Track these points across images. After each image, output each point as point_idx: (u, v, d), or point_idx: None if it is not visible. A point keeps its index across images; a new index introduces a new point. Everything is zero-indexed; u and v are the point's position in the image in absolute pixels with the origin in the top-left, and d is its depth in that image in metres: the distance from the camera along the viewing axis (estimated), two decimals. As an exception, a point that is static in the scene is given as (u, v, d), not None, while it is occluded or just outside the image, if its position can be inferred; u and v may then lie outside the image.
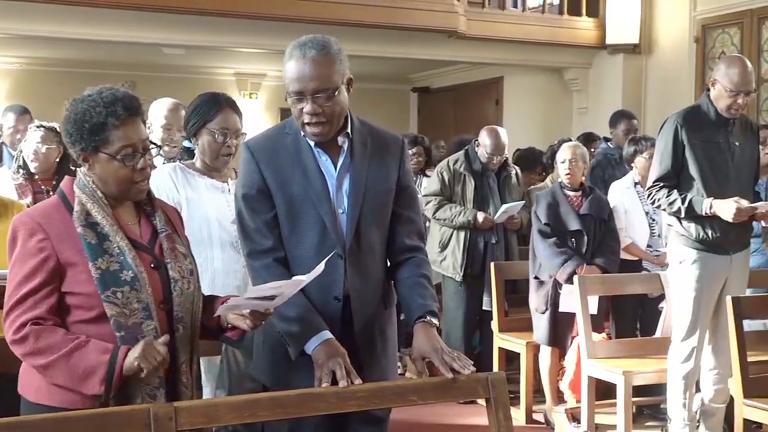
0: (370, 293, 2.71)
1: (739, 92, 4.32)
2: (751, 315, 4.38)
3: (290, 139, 2.68)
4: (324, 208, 2.62)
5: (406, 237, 2.77)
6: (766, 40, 9.48)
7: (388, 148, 2.77)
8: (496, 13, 10.50)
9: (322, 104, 2.55)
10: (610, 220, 5.32)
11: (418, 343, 2.56)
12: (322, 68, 2.54)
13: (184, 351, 2.39)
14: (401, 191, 2.77)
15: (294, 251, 2.65)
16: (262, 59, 12.22)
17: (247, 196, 2.67)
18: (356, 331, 2.67)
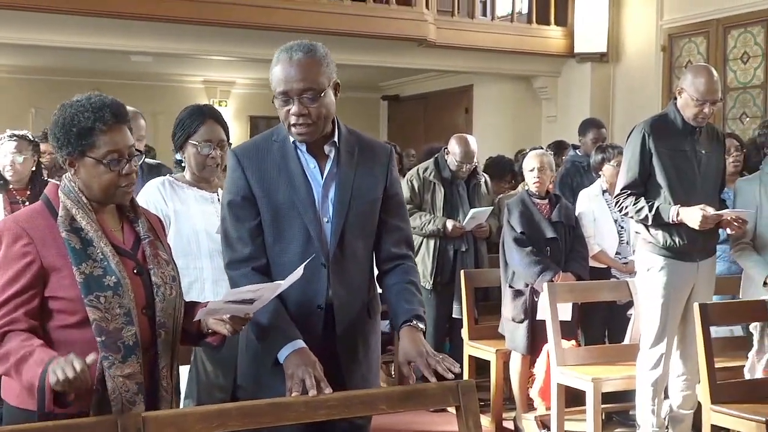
0: (353, 302, 2.71)
1: (705, 101, 4.36)
2: (718, 322, 4.41)
3: (277, 147, 2.69)
4: (309, 217, 2.63)
5: (394, 245, 2.78)
6: (731, 49, 9.60)
7: (376, 157, 2.77)
8: (466, 21, 10.55)
9: (308, 105, 2.57)
10: (578, 227, 5.36)
11: (403, 347, 2.57)
12: (308, 70, 2.57)
13: (166, 356, 2.40)
14: (389, 199, 2.78)
15: (278, 259, 2.65)
16: (232, 67, 12.19)
17: (232, 203, 2.67)
18: (338, 339, 2.67)
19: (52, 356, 2.13)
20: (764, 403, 4.02)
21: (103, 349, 2.25)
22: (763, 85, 9.28)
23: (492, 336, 5.54)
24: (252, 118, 13.81)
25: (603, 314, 5.52)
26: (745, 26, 9.44)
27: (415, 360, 2.50)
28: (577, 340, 5.27)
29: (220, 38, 9.36)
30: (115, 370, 2.27)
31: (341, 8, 9.51)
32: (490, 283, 5.73)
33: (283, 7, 9.17)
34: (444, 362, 2.45)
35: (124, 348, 2.29)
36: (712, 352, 4.04)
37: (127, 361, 2.28)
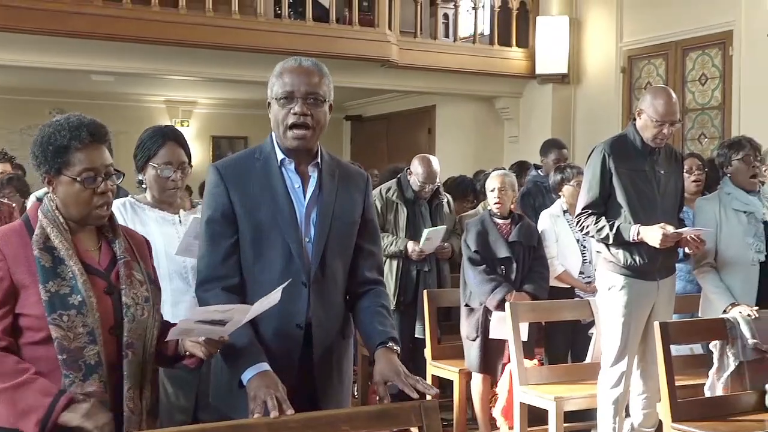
0: (331, 322, 2.73)
1: (664, 122, 4.42)
2: (679, 340, 4.45)
3: (260, 164, 2.70)
4: (291, 236, 2.64)
5: (368, 270, 2.81)
6: (689, 70, 9.74)
7: (355, 182, 2.81)
8: (428, 42, 10.61)
9: (311, 108, 2.62)
10: (539, 247, 5.38)
11: (380, 367, 2.57)
12: (315, 76, 2.65)
13: (133, 378, 2.38)
14: (365, 224, 2.82)
15: (259, 277, 2.65)
16: (194, 87, 12.15)
17: (211, 219, 2.67)
18: (315, 359, 2.67)
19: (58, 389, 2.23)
20: (724, 421, 4.06)
21: (64, 367, 2.27)
22: (721, 106, 9.42)
23: (455, 355, 5.55)
24: (214, 138, 13.75)
25: (566, 333, 5.54)
26: (703, 48, 9.59)
27: (392, 380, 2.51)
28: (540, 360, 5.29)
29: (182, 58, 9.32)
30: (75, 388, 2.27)
31: (304, 29, 9.53)
32: (453, 302, 5.73)
33: (246, 28, 9.17)
34: (421, 383, 2.47)
35: (86, 367, 2.29)
36: (672, 371, 4.07)
37: (87, 380, 2.29)
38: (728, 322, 4.31)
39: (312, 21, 9.62)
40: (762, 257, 4.55)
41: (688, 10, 9.56)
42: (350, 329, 2.85)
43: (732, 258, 4.58)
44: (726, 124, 9.34)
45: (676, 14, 9.70)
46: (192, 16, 8.97)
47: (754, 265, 4.56)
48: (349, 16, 10.03)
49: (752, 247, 4.55)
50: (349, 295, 2.80)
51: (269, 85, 2.69)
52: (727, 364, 4.31)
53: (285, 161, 2.70)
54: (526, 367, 4.90)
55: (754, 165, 4.66)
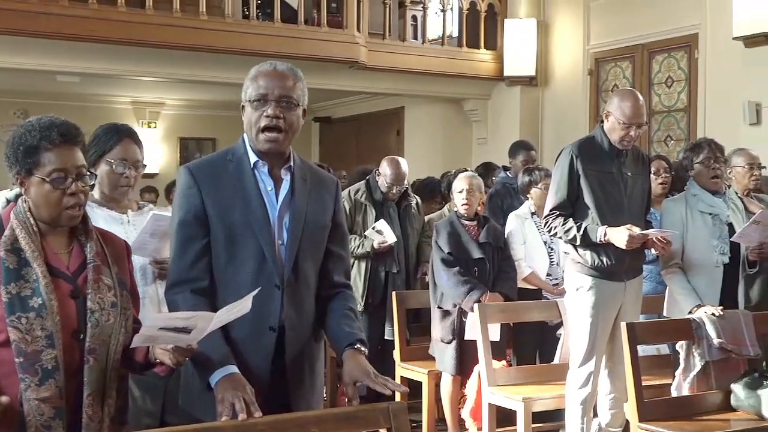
0: (303, 325, 2.73)
1: (631, 125, 4.45)
2: (645, 340, 4.49)
3: (233, 166, 2.69)
4: (264, 238, 2.63)
5: (337, 274, 2.83)
6: (656, 73, 9.83)
7: (326, 186, 2.83)
8: (397, 44, 10.62)
9: (284, 111, 2.63)
10: (506, 248, 5.40)
11: (349, 368, 2.58)
12: (289, 80, 2.67)
13: (94, 384, 2.34)
14: (335, 228, 2.83)
15: (231, 279, 2.64)
16: (161, 88, 12.06)
17: (183, 221, 2.66)
18: (287, 361, 2.67)
19: None
20: (690, 420, 4.10)
21: (21, 370, 2.24)
22: (687, 108, 9.51)
23: (424, 357, 5.55)
24: (182, 140, 13.67)
25: (534, 334, 5.56)
26: (669, 51, 9.68)
27: (362, 380, 2.51)
28: (508, 361, 5.31)
29: (149, 59, 9.26)
30: (30, 392, 2.24)
31: (272, 30, 9.49)
32: (422, 304, 5.74)
33: (213, 29, 9.13)
34: (389, 383, 2.48)
35: (42, 371, 2.26)
36: (639, 371, 4.10)
37: (44, 385, 2.26)
38: (694, 322, 4.35)
39: (280, 22, 9.59)
40: (726, 259, 4.59)
41: (654, 14, 9.65)
42: (322, 333, 2.85)
43: (697, 259, 4.62)
44: (692, 126, 9.43)
45: (643, 17, 9.78)
46: (159, 16, 8.92)
47: (718, 267, 4.59)
48: (318, 18, 10.01)
49: (716, 249, 4.59)
50: (317, 298, 2.80)
51: (243, 88, 2.69)
52: (693, 364, 4.35)
53: (258, 164, 2.70)
54: (494, 368, 4.91)
55: (714, 167, 4.69)
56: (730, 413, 4.22)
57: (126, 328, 2.45)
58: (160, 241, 3.25)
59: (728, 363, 4.35)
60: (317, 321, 2.80)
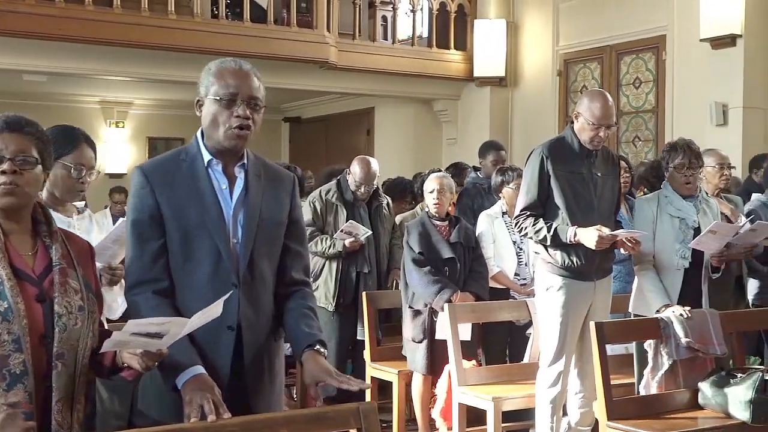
0: (261, 324, 2.70)
1: (601, 125, 4.47)
2: (614, 340, 4.51)
3: (186, 166, 2.66)
4: (219, 237, 2.61)
5: (294, 271, 2.80)
6: (624, 74, 9.91)
7: (282, 183, 2.80)
8: (367, 44, 10.62)
9: (252, 111, 2.62)
10: (477, 247, 5.41)
11: (309, 369, 2.56)
12: (255, 80, 2.67)
13: (63, 389, 2.29)
14: (292, 225, 2.80)
15: (187, 279, 2.62)
16: (129, 87, 11.98)
17: (137, 221, 2.63)
18: (246, 361, 2.65)
19: None
20: (658, 419, 4.13)
21: None
22: (654, 109, 9.59)
23: (395, 357, 5.55)
24: (150, 140, 13.59)
25: (503, 334, 5.58)
26: (637, 53, 9.77)
27: (324, 380, 2.50)
28: (478, 360, 5.32)
29: (117, 58, 9.19)
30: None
31: (241, 29, 9.46)
32: (393, 304, 5.74)
33: (181, 28, 9.08)
34: (352, 380, 2.49)
35: (10, 376, 2.20)
36: (608, 370, 4.13)
37: (12, 390, 2.20)
38: (662, 321, 4.38)
39: (249, 22, 9.57)
40: (686, 264, 4.61)
41: (622, 15, 9.72)
42: (281, 330, 2.82)
43: (661, 260, 4.65)
44: (659, 127, 9.52)
45: (611, 19, 9.86)
46: (127, 15, 8.86)
47: (678, 270, 4.63)
48: (287, 18, 9.99)
49: (677, 253, 4.62)
50: (275, 296, 2.78)
51: (203, 83, 2.65)
52: (661, 363, 4.38)
53: (212, 162, 2.67)
54: (464, 368, 4.92)
55: (686, 174, 4.70)
56: (697, 411, 4.26)
57: (93, 332, 2.40)
58: (121, 248, 3.22)
59: (695, 362, 4.39)
60: (275, 319, 2.78)
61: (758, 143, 8.24)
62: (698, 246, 4.54)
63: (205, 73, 2.66)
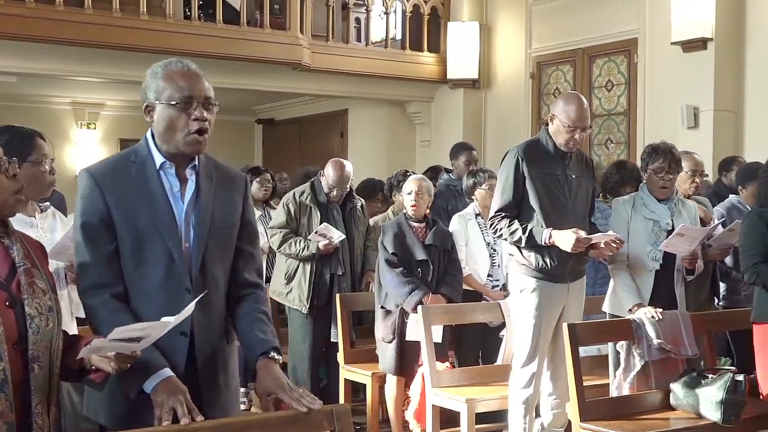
0: (213, 328, 2.67)
1: (576, 128, 4.49)
2: (586, 341, 4.54)
3: (136, 168, 2.62)
4: (172, 241, 2.57)
5: (248, 272, 2.76)
6: (596, 77, 9.96)
7: (233, 184, 2.76)
8: (340, 46, 10.61)
9: (208, 113, 2.58)
10: (453, 250, 5.42)
11: (263, 379, 2.52)
12: (205, 81, 2.62)
13: (40, 393, 2.25)
14: (244, 226, 2.76)
15: (139, 284, 2.57)
16: (101, 88, 11.89)
17: (87, 225, 2.57)
18: (199, 366, 2.62)
19: None
20: (631, 420, 4.15)
21: None
22: (626, 112, 9.65)
23: (368, 359, 5.54)
24: (122, 141, 13.47)
25: (476, 336, 5.59)
26: (609, 55, 9.82)
27: (276, 393, 2.47)
28: (451, 362, 5.33)
29: (88, 59, 9.12)
30: None
31: (213, 30, 9.42)
32: (367, 306, 5.73)
33: (154, 29, 9.03)
34: (305, 397, 2.43)
35: None
36: (580, 371, 4.15)
37: None
38: (634, 323, 4.41)
39: (222, 23, 9.53)
40: (657, 266, 4.65)
41: (594, 18, 9.78)
42: (234, 333, 2.78)
43: (634, 261, 4.68)
44: (631, 129, 9.58)
45: (583, 22, 9.91)
46: (99, 15, 8.79)
47: (650, 271, 4.66)
48: (261, 19, 9.96)
49: (648, 255, 4.65)
50: (228, 299, 2.74)
51: (151, 87, 2.59)
52: (633, 364, 4.41)
53: (165, 165, 2.62)
54: (438, 370, 4.93)
55: (664, 178, 4.73)
56: (669, 412, 4.29)
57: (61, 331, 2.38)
58: None
59: (667, 363, 4.42)
60: (228, 323, 2.74)
61: (729, 146, 8.31)
62: (668, 248, 4.57)
63: (152, 77, 2.60)
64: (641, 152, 5.05)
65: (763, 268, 4.22)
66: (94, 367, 2.33)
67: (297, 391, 2.45)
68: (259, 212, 7.26)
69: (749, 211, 4.81)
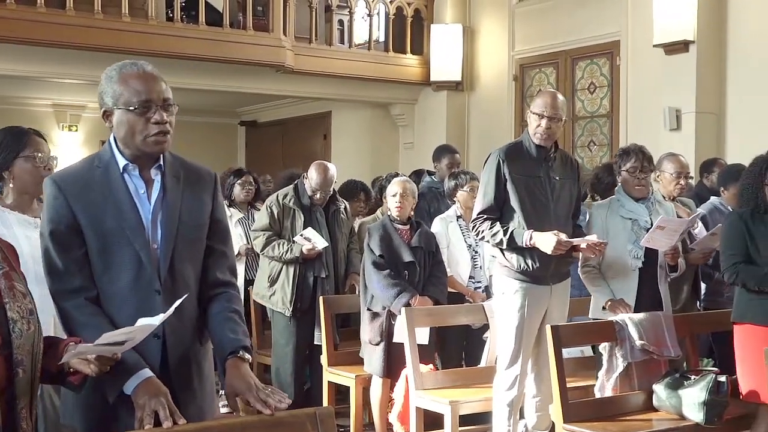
0: (185, 329, 2.65)
1: (544, 115, 4.49)
2: (570, 343, 4.54)
3: (100, 173, 2.60)
4: (139, 243, 2.55)
5: (219, 271, 2.73)
6: (579, 79, 9.99)
7: (202, 182, 2.73)
8: (324, 48, 10.60)
9: (168, 115, 2.55)
10: (438, 252, 5.42)
11: (230, 379, 2.50)
12: (162, 82, 2.58)
13: (24, 396, 2.23)
14: (214, 225, 2.74)
15: (108, 288, 2.55)
16: (83, 90, 11.80)
17: (55, 232, 2.55)
18: (172, 368, 2.60)
19: None
20: (614, 421, 4.17)
21: None
22: (609, 114, 9.69)
23: (352, 362, 5.53)
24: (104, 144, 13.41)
25: (459, 338, 5.59)
26: (592, 58, 9.86)
27: (243, 393, 2.44)
28: (434, 364, 5.32)
29: (70, 60, 9.07)
30: None
31: (196, 32, 9.39)
32: (350, 308, 5.72)
33: (136, 31, 8.99)
34: (273, 396, 2.40)
35: None
36: (564, 373, 4.15)
37: None
38: (617, 324, 4.42)
39: (205, 25, 9.50)
40: (640, 264, 4.67)
41: (577, 21, 9.81)
42: (207, 334, 2.76)
43: (614, 263, 4.70)
44: (614, 131, 9.61)
45: (566, 24, 9.94)
46: (80, 17, 8.75)
47: (633, 271, 4.68)
48: (243, 21, 9.93)
49: (630, 254, 4.67)
50: (200, 299, 2.72)
51: (108, 92, 2.56)
52: (616, 366, 4.41)
53: (128, 167, 2.61)
54: (421, 372, 4.92)
55: (639, 177, 4.76)
56: (652, 413, 4.31)
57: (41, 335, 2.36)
58: None
59: (650, 364, 4.44)
60: (201, 323, 2.72)
61: (711, 148, 8.35)
62: (649, 243, 4.59)
63: (107, 81, 2.58)
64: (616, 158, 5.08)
65: (742, 268, 4.24)
66: (72, 369, 2.32)
67: (264, 391, 2.42)
68: (241, 214, 7.25)
69: (730, 212, 4.85)
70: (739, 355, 4.30)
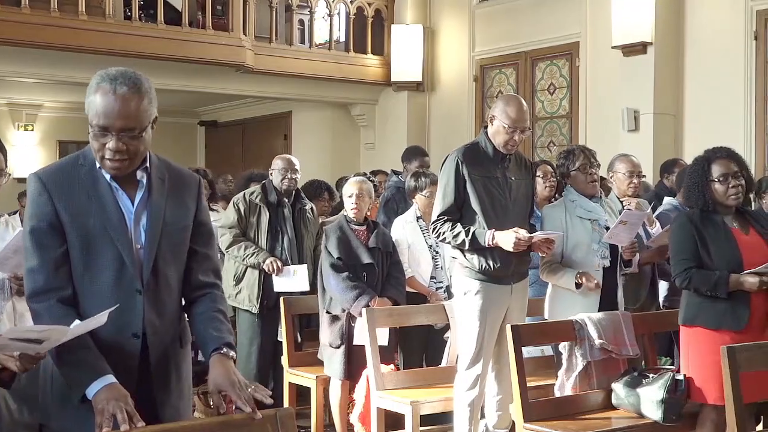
0: (166, 330, 2.64)
1: (515, 129, 4.52)
2: (530, 342, 4.56)
3: (85, 171, 2.58)
4: (122, 243, 2.54)
5: (202, 274, 2.73)
6: (539, 80, 10.06)
7: (186, 185, 2.73)
8: (284, 48, 10.58)
9: (128, 142, 2.48)
10: (395, 252, 5.42)
11: (214, 376, 2.50)
12: (131, 107, 2.47)
13: None
14: (198, 227, 2.73)
15: (89, 287, 2.54)
16: (39, 89, 11.69)
17: (36, 229, 2.53)
18: (152, 368, 2.59)
19: None
20: (574, 420, 4.18)
21: None
22: (569, 115, 9.76)
23: (312, 363, 5.51)
24: (61, 143, 13.25)
25: (420, 338, 5.60)
26: (551, 59, 9.93)
27: (226, 390, 2.45)
28: (396, 364, 5.32)
29: (25, 59, 8.96)
30: None
31: (155, 32, 9.32)
32: (312, 309, 5.70)
33: (93, 29, 8.90)
34: (257, 391, 2.42)
35: None
36: (524, 372, 4.16)
37: None
38: (576, 323, 4.45)
39: (164, 24, 9.42)
40: (607, 263, 4.71)
41: (537, 22, 9.88)
42: (188, 337, 2.77)
43: (578, 263, 4.71)
44: (573, 132, 9.70)
45: (526, 25, 10.01)
46: (36, 15, 8.64)
47: (598, 270, 4.71)
48: (203, 20, 9.87)
49: (597, 253, 4.70)
50: (184, 301, 2.73)
51: (87, 98, 2.53)
52: (575, 365, 4.44)
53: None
54: (382, 372, 4.92)
55: (590, 172, 4.81)
56: (611, 411, 4.33)
57: None
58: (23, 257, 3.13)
59: (609, 363, 4.47)
60: (183, 325, 2.73)
61: (668, 148, 8.45)
62: (611, 240, 4.63)
63: (89, 86, 2.54)
64: (556, 162, 5.13)
65: (694, 273, 4.13)
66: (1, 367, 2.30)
67: (245, 390, 2.42)
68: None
69: (678, 214, 4.84)
70: (687, 357, 4.23)
